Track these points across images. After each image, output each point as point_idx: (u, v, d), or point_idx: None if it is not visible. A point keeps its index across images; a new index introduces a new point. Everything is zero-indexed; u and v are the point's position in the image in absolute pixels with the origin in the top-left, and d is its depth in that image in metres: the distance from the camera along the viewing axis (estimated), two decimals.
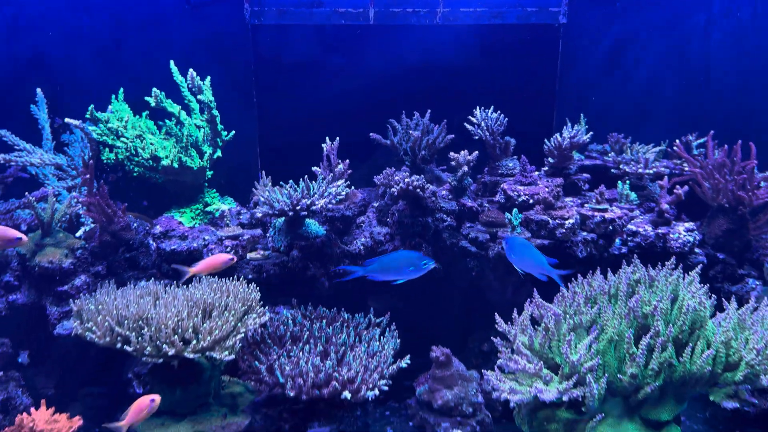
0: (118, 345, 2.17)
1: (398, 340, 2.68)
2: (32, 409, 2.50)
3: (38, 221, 2.58)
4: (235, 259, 2.44)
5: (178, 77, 2.96)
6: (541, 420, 2.45)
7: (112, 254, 2.74)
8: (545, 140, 3.06)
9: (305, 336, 2.58)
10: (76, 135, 3.11)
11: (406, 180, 2.67)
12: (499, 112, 3.11)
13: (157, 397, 2.18)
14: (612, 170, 3.16)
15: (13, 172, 2.91)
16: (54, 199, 2.59)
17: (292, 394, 2.33)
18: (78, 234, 2.76)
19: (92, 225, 2.75)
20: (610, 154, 3.23)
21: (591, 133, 3.11)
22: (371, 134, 3.14)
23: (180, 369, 2.40)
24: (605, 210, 2.82)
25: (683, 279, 2.44)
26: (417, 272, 2.35)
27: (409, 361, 2.59)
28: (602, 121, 3.54)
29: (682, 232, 2.76)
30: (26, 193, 2.67)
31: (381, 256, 2.58)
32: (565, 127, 3.07)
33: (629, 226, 2.80)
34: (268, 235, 2.96)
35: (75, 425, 2.46)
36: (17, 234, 2.26)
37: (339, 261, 2.95)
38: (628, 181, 2.99)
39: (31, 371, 2.82)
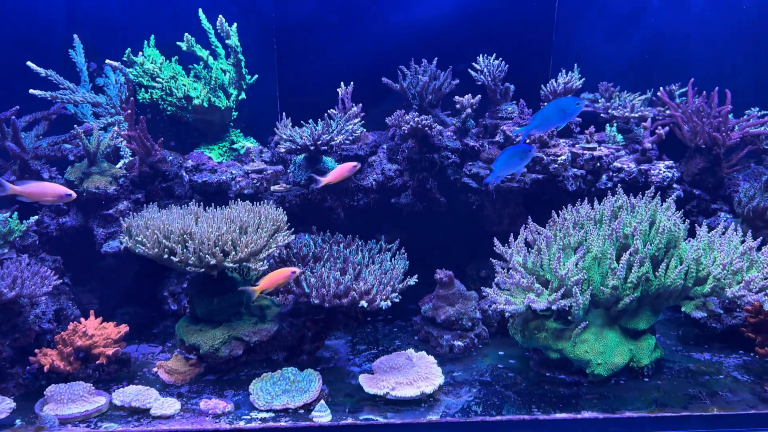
0: (165, 256, 2.48)
1: (407, 262, 3.00)
2: (82, 319, 2.83)
3: (85, 152, 2.87)
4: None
5: (206, 24, 3.22)
6: (531, 329, 2.80)
7: (150, 184, 3.04)
8: (542, 86, 3.35)
9: (325, 256, 2.90)
10: (110, 78, 3.37)
11: (416, 119, 2.96)
12: (500, 59, 3.39)
13: (297, 269, 2.54)
14: (601, 115, 3.46)
15: (56, 109, 3.17)
16: (99, 131, 2.87)
17: (316, 302, 2.66)
18: (119, 165, 3.05)
19: (131, 158, 3.04)
20: (600, 102, 3.53)
21: (583, 79, 3.40)
22: (383, 79, 3.42)
23: (216, 282, 2.73)
24: (594, 149, 3.13)
25: (661, 205, 2.77)
26: (575, 111, 2.51)
27: (417, 279, 2.91)
28: (595, 72, 3.81)
29: (662, 168, 3.09)
30: (75, 125, 2.96)
31: (536, 113, 2.68)
32: (559, 73, 3.36)
33: (615, 164, 3.12)
34: (288, 171, 3.26)
35: (122, 331, 2.80)
36: (67, 191, 2.52)
37: (354, 194, 3.26)
38: (615, 124, 3.29)
39: (77, 289, 3.14)
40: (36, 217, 2.77)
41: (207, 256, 2.45)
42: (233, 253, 2.48)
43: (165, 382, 2.75)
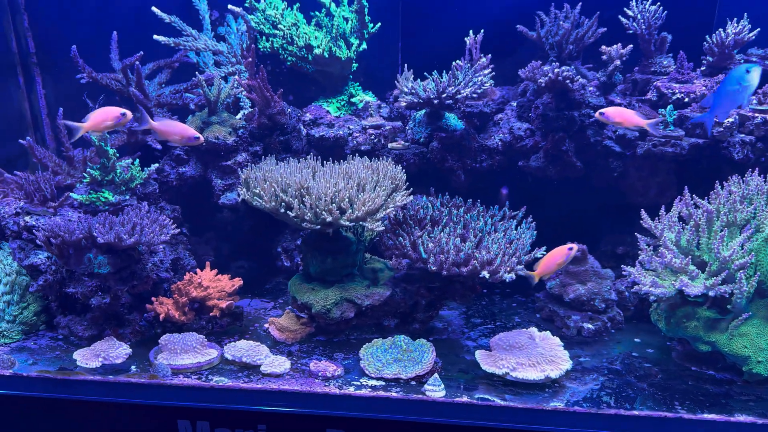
0: (282, 210, 2.37)
1: (535, 232, 2.72)
2: (198, 270, 2.82)
3: (206, 100, 2.82)
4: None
5: None
6: (680, 317, 2.44)
7: (268, 136, 2.95)
8: (706, 36, 2.88)
9: (444, 220, 2.68)
10: (231, 28, 3.30)
11: (556, 71, 2.63)
12: (657, 4, 2.94)
13: (575, 246, 2.41)
14: None
15: (179, 57, 3.15)
16: (220, 80, 2.80)
17: (434, 268, 2.46)
18: (238, 116, 2.98)
19: (251, 109, 2.96)
20: None
21: (758, 30, 2.89)
22: (517, 26, 3.09)
23: (331, 240, 2.60)
24: (766, 111, 2.65)
25: None
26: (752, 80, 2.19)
27: (544, 252, 2.63)
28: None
29: None
30: (196, 72, 2.91)
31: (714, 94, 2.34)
32: (728, 22, 2.86)
33: None
34: (407, 127, 3.05)
35: (237, 284, 2.76)
36: (196, 134, 2.48)
37: (476, 155, 3.00)
38: None
39: (194, 240, 3.15)
40: (157, 165, 2.76)
41: (323, 212, 2.31)
42: (350, 210, 2.32)
43: (276, 339, 2.69)
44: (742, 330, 2.32)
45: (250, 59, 2.76)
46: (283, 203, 2.36)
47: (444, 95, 2.67)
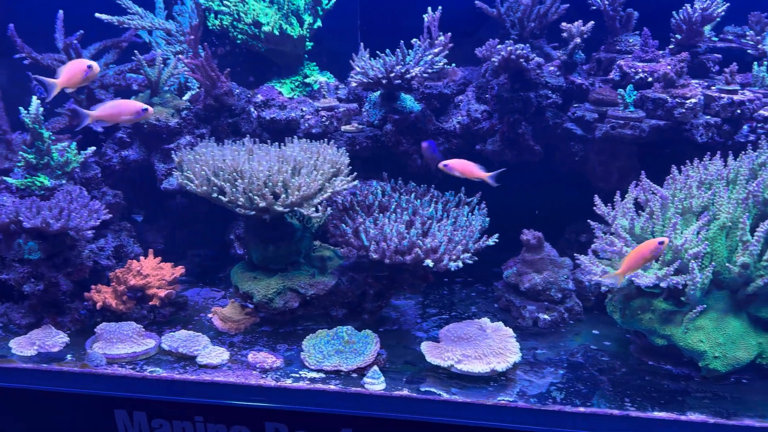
0: (214, 195, 2.27)
1: (487, 219, 2.61)
2: (141, 257, 2.73)
3: (147, 81, 2.71)
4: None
5: None
6: (634, 309, 2.33)
7: (216, 119, 2.84)
8: (673, 13, 2.73)
9: (392, 206, 2.57)
10: (186, 6, 3.19)
11: (509, 48, 2.50)
12: None
13: (666, 239, 2.04)
14: (749, 52, 2.78)
15: (127, 36, 3.04)
16: (161, 60, 2.69)
17: (375, 256, 2.36)
18: (185, 97, 2.88)
19: (198, 90, 2.85)
20: (748, 35, 2.83)
21: (727, 5, 2.73)
22: (476, 2, 2.95)
23: (272, 227, 2.50)
24: (734, 92, 2.50)
25: None
26: None
27: (496, 239, 2.52)
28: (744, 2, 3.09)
29: None
30: (135, 51, 2.80)
31: None
32: None
33: (761, 112, 2.48)
34: (363, 109, 2.93)
35: (177, 273, 2.67)
36: (143, 105, 2.36)
37: (433, 138, 2.88)
38: (766, 63, 2.62)
39: (143, 227, 3.06)
40: (94, 148, 2.66)
41: (256, 197, 2.20)
42: (284, 195, 2.21)
43: (218, 330, 2.61)
44: (698, 323, 2.20)
45: (192, 37, 2.64)
46: (215, 187, 2.26)
47: (392, 74, 2.54)
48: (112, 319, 2.56)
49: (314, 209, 2.21)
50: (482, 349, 2.34)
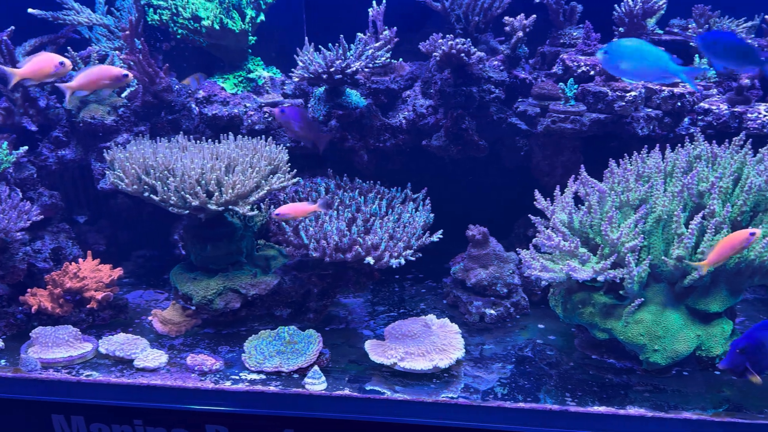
0: (146, 194, 2.21)
1: (431, 215, 2.58)
2: (80, 260, 2.66)
3: None
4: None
5: None
6: (575, 303, 2.32)
7: (155, 115, 2.77)
8: (615, 6, 2.73)
9: (336, 203, 2.53)
10: (128, 1, 3.10)
11: (449, 43, 2.47)
12: None
13: (758, 231, 1.92)
14: (691, 44, 2.79)
15: (65, 32, 2.95)
16: (96, 56, 2.62)
17: (315, 255, 2.32)
18: (123, 94, 2.80)
19: (137, 86, 2.78)
20: (690, 28, 2.85)
21: None
22: None
23: (210, 226, 2.44)
24: (675, 84, 2.51)
25: (752, 157, 2.16)
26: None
27: (441, 236, 2.50)
28: None
29: (763, 111, 2.42)
30: (68, 48, 2.72)
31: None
32: None
33: (702, 104, 2.49)
34: (309, 105, 2.88)
35: (116, 275, 2.60)
36: (123, 71, 2.28)
37: (379, 134, 2.84)
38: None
39: (84, 228, 2.98)
40: (26, 147, 2.58)
41: (188, 196, 2.15)
42: (217, 193, 2.16)
43: (159, 332, 2.55)
44: (637, 317, 2.20)
45: (128, 32, 2.57)
46: (146, 186, 2.20)
47: (332, 69, 2.50)
48: (50, 323, 2.48)
49: (250, 207, 2.17)
50: (426, 346, 2.32)
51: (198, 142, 2.46)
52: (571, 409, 2.07)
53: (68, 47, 2.72)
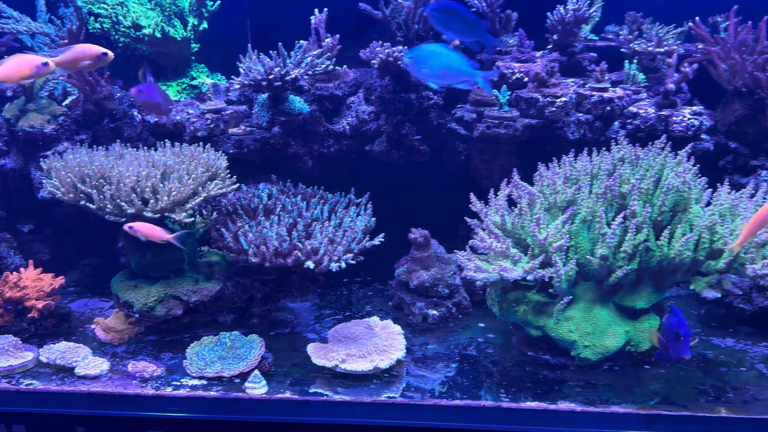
0: (82, 202, 2.22)
1: (372, 219, 2.63)
2: (21, 269, 2.64)
3: (21, 87, 2.62)
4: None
5: None
6: (510, 301, 2.39)
7: (97, 124, 2.77)
8: (548, 14, 2.82)
9: (278, 209, 2.56)
10: (70, 9, 3.09)
11: (387, 51, 2.53)
12: None
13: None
14: (622, 50, 2.90)
15: (5, 41, 2.93)
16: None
17: (255, 260, 2.35)
18: (64, 103, 2.79)
19: (78, 95, 2.77)
20: (621, 35, 2.95)
21: (597, 5, 2.84)
22: (360, 4, 2.97)
23: None
24: (605, 89, 2.61)
25: (672, 159, 2.25)
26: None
27: (382, 239, 2.55)
28: (625, 3, 3.22)
29: (687, 114, 2.53)
30: (5, 57, 2.70)
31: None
32: None
33: (630, 108, 2.59)
34: (252, 111, 2.91)
35: (57, 283, 2.59)
36: (103, 50, 2.21)
37: (323, 140, 2.89)
38: (635, 61, 2.74)
39: (28, 237, 2.96)
40: None
41: (124, 203, 2.16)
42: (152, 201, 2.18)
43: (101, 340, 2.55)
44: (567, 314, 2.28)
45: (66, 41, 2.57)
46: (82, 195, 2.20)
47: (271, 76, 2.54)
48: None
49: (186, 214, 2.19)
50: (367, 347, 2.37)
51: (139, 149, 2.47)
52: (503, 405, 2.13)
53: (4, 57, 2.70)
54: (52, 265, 2.78)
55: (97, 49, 2.22)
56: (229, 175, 2.41)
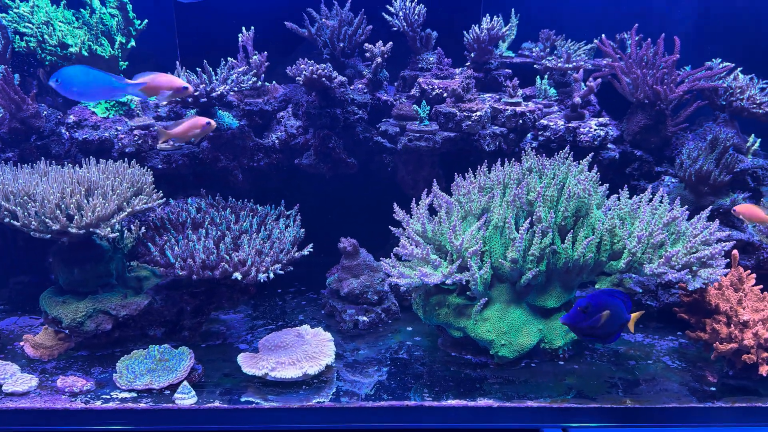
0: (6, 219, 2.23)
1: (301, 230, 2.71)
2: None
3: None
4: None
5: None
6: (433, 305, 2.52)
7: (24, 142, 2.76)
8: (464, 33, 2.98)
9: (206, 222, 2.62)
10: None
11: (311, 68, 2.63)
12: (417, 1, 3.01)
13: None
14: (535, 66, 3.08)
15: None
16: None
17: (182, 273, 2.39)
18: None
19: (2, 113, 2.77)
20: (534, 51, 3.14)
21: (510, 24, 3.02)
22: (286, 23, 3.07)
23: (76, 249, 2.47)
24: (518, 104, 2.77)
25: (576, 167, 2.43)
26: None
27: (311, 249, 2.63)
28: (542, 21, 3.41)
29: (594, 126, 2.72)
30: None
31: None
32: (484, 18, 2.97)
33: (542, 121, 2.76)
34: None
35: None
36: (184, 84, 2.33)
37: (253, 154, 2.96)
38: (546, 77, 2.92)
39: None
40: None
41: (48, 220, 2.18)
42: (77, 217, 2.21)
43: (30, 357, 2.53)
44: (485, 315, 2.42)
45: None
46: (6, 212, 2.21)
47: (197, 93, 2.60)
48: None
49: (110, 230, 2.22)
50: (297, 354, 2.44)
51: (66, 167, 2.49)
52: (426, 404, 2.24)
53: None
54: None
55: (179, 81, 2.34)
56: (156, 190, 2.45)
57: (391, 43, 2.87)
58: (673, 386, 2.34)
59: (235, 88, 2.65)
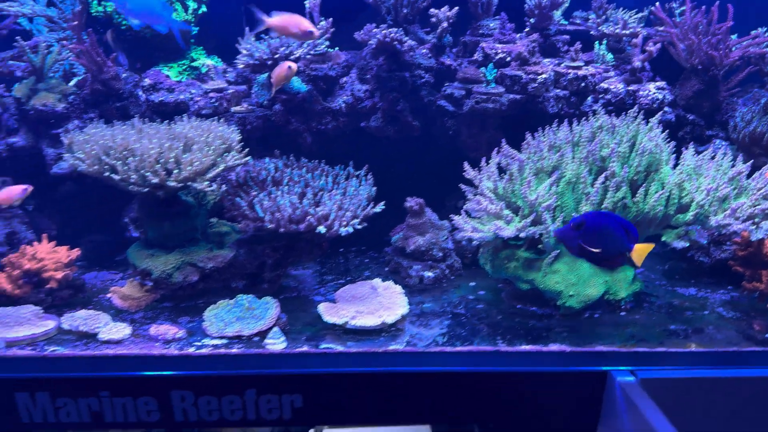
0: (106, 173, 2.34)
1: (373, 188, 2.83)
2: (35, 243, 2.73)
3: (32, 67, 2.71)
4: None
5: None
6: (502, 259, 2.65)
7: (104, 103, 2.87)
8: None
9: (285, 180, 2.74)
10: None
11: (383, 32, 2.73)
12: None
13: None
14: (592, 33, 3.19)
15: (7, 23, 3.00)
16: (45, 45, 2.70)
17: (271, 226, 2.52)
18: (71, 83, 2.89)
19: (84, 75, 2.88)
20: (590, 19, 3.24)
21: None
22: None
23: (167, 204, 2.60)
24: (579, 67, 2.88)
25: (644, 126, 2.55)
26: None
27: (383, 206, 2.75)
28: None
29: (652, 89, 2.84)
30: (17, 38, 2.79)
31: None
32: None
33: (602, 84, 2.88)
34: (252, 91, 3.07)
35: (73, 255, 2.70)
36: (310, 27, 2.57)
37: (321, 117, 3.07)
38: (605, 42, 3.03)
39: (35, 214, 3.04)
40: None
41: (149, 174, 2.31)
42: (176, 171, 2.33)
43: (119, 308, 2.67)
44: (554, 267, 2.55)
45: (76, 23, 2.67)
46: (107, 166, 2.33)
47: (277, 56, 2.71)
48: (9, 304, 2.55)
49: (207, 183, 2.34)
50: (374, 305, 2.58)
51: (162, 124, 2.60)
52: (502, 348, 2.38)
53: (17, 37, 2.79)
54: (59, 241, 2.87)
55: (306, 24, 2.56)
56: (241, 149, 2.57)
57: (457, 8, 2.97)
58: (731, 333, 2.48)
59: (311, 52, 2.75)
